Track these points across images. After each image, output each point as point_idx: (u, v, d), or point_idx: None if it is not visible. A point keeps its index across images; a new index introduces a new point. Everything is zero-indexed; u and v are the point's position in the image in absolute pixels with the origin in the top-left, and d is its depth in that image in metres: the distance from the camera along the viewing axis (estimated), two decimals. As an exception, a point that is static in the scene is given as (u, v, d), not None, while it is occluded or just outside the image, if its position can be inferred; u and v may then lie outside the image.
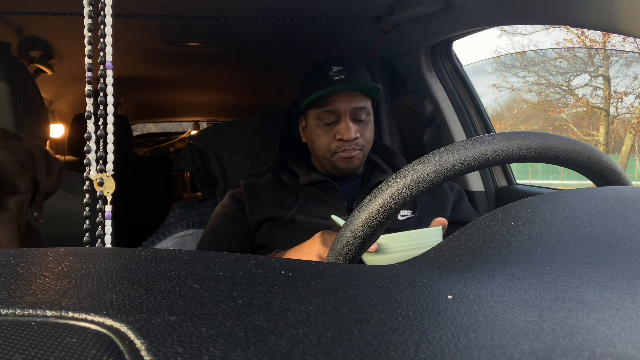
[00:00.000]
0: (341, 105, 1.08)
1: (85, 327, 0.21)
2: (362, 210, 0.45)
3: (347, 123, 1.07)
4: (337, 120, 1.09)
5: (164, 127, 4.91)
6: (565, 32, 12.50)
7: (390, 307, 0.24)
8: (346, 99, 1.08)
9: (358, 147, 1.09)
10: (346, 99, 1.08)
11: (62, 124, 2.42)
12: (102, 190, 0.55)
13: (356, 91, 1.09)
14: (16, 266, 0.28)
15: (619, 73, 11.51)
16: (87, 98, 0.53)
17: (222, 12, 1.39)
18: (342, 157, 1.09)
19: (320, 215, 1.08)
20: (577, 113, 11.09)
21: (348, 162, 1.10)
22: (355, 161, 1.10)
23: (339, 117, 1.08)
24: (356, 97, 1.09)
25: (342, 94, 1.08)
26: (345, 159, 1.09)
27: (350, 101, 1.08)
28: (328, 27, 1.52)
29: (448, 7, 1.22)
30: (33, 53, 1.72)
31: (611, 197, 0.40)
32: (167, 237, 1.33)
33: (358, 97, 1.09)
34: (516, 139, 0.47)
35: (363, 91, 1.10)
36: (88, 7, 0.52)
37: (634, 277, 0.28)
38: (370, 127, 1.13)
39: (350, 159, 1.09)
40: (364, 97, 1.10)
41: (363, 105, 1.09)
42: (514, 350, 0.20)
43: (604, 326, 0.23)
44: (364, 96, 1.10)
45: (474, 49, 16.25)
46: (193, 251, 0.33)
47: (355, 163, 1.11)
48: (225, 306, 0.23)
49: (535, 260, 0.31)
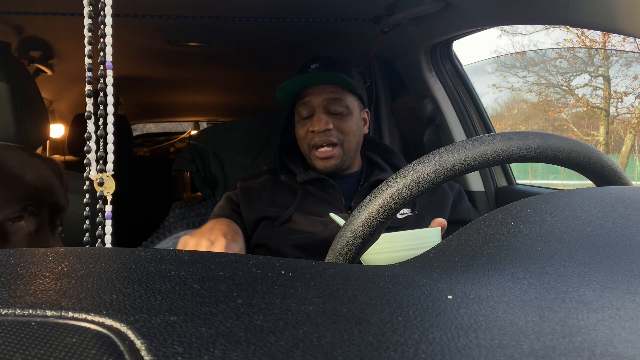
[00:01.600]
0: (313, 97, 1.10)
1: (85, 327, 0.21)
2: (362, 210, 0.45)
3: (320, 115, 1.08)
4: (313, 114, 1.10)
5: (164, 127, 4.91)
6: (565, 32, 12.50)
7: (390, 307, 0.24)
8: (319, 91, 1.10)
9: (334, 139, 1.08)
10: (318, 92, 1.10)
11: (62, 124, 2.42)
12: (102, 190, 0.55)
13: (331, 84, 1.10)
14: (16, 266, 0.28)
15: (619, 73, 11.50)
16: (87, 98, 0.53)
17: (222, 12, 1.39)
18: (318, 156, 1.09)
19: (318, 213, 1.07)
20: (577, 113, 11.09)
21: (325, 163, 1.09)
22: (333, 161, 1.09)
23: (313, 109, 1.10)
24: (329, 89, 1.10)
25: (316, 87, 1.10)
26: (321, 159, 1.09)
27: (323, 93, 1.09)
28: (328, 27, 1.53)
29: (448, 7, 1.22)
30: (33, 53, 1.72)
31: (611, 197, 0.40)
32: (167, 237, 1.33)
33: (332, 89, 1.10)
34: (516, 139, 0.47)
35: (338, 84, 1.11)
36: (88, 7, 0.52)
37: (634, 277, 0.28)
38: (350, 121, 1.11)
39: (326, 159, 1.09)
40: (340, 90, 1.11)
41: (338, 97, 1.10)
42: (514, 350, 0.20)
43: (604, 326, 0.23)
44: (341, 89, 1.11)
45: (474, 49, 16.25)
46: (193, 251, 0.33)
47: (334, 162, 1.09)
48: (225, 306, 0.23)
49: (535, 260, 0.31)
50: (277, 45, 1.78)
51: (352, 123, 1.12)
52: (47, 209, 0.82)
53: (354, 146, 1.13)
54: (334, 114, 1.10)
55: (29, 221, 0.79)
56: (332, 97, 1.09)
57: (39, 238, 0.80)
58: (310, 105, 1.10)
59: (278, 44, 1.76)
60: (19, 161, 0.82)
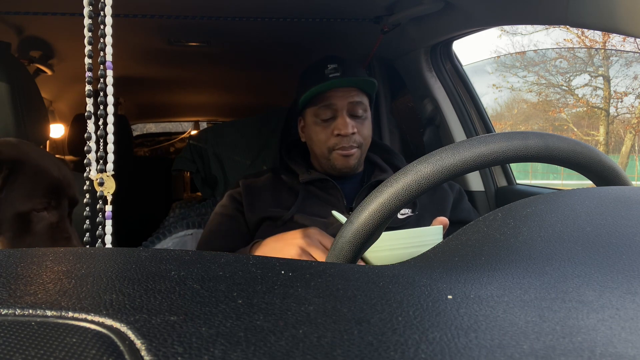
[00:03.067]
0: (337, 100, 1.09)
1: (85, 327, 0.21)
2: (362, 210, 0.45)
3: (344, 118, 1.08)
4: (335, 117, 1.09)
5: (164, 127, 4.90)
6: (565, 32, 12.50)
7: (390, 307, 0.24)
8: (342, 94, 1.09)
9: (356, 144, 1.09)
10: (342, 94, 1.09)
11: (62, 124, 2.42)
12: (102, 190, 0.55)
13: (352, 87, 1.10)
14: (16, 266, 0.28)
15: (619, 73, 11.51)
16: (87, 98, 0.53)
17: (222, 12, 1.39)
18: (340, 154, 1.09)
19: (319, 214, 1.07)
20: (577, 113, 11.09)
21: (346, 161, 1.10)
22: (353, 160, 1.10)
23: (335, 112, 1.09)
24: (352, 92, 1.10)
25: (339, 89, 1.09)
26: (343, 157, 1.09)
27: (347, 96, 1.09)
28: (328, 27, 1.52)
29: (448, 7, 1.22)
30: (33, 53, 1.72)
31: (611, 197, 0.40)
32: (167, 237, 1.33)
33: (354, 93, 1.10)
34: (516, 139, 0.47)
35: (359, 87, 1.11)
36: (88, 7, 0.52)
37: (634, 277, 0.28)
38: (367, 123, 1.13)
39: (348, 157, 1.09)
40: (361, 93, 1.11)
41: (359, 100, 1.10)
42: (514, 350, 0.20)
43: (604, 326, 0.23)
44: (361, 92, 1.12)
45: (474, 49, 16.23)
46: (193, 251, 0.33)
47: (353, 162, 1.10)
48: (225, 306, 0.23)
49: (535, 260, 0.31)
50: (277, 45, 1.78)
51: (369, 126, 1.14)
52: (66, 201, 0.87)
53: (367, 148, 1.15)
54: (355, 117, 1.10)
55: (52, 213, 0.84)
56: (356, 100, 1.10)
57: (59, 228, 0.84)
58: (333, 108, 1.09)
59: (278, 44, 1.76)
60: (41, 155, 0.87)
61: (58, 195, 0.85)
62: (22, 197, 0.80)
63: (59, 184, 0.85)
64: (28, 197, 0.81)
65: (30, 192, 0.81)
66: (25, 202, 0.80)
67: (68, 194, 0.87)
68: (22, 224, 0.80)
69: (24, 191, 0.81)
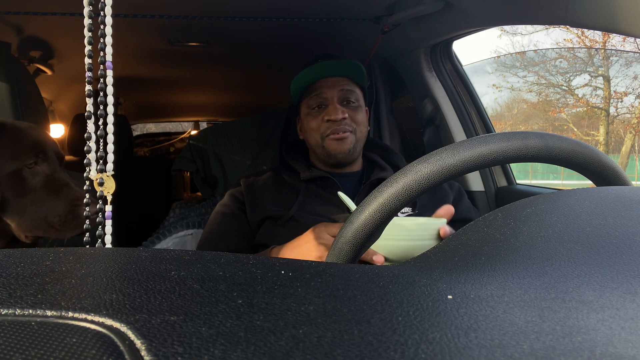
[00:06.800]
0: (327, 89, 1.13)
1: (85, 327, 0.21)
2: (362, 210, 0.45)
3: (335, 105, 1.12)
4: (326, 105, 1.13)
5: (164, 127, 4.90)
6: (565, 32, 12.49)
7: (390, 307, 0.24)
8: (332, 83, 1.13)
9: (349, 128, 1.11)
10: (332, 84, 1.13)
11: (62, 124, 2.42)
12: (102, 190, 0.55)
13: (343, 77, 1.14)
14: (16, 266, 0.28)
15: (619, 73, 11.49)
16: (87, 98, 0.53)
17: (222, 12, 1.39)
18: (333, 139, 1.11)
19: (320, 212, 1.08)
20: (577, 113, 11.08)
21: (339, 145, 1.11)
22: (347, 144, 1.11)
23: (326, 101, 1.13)
24: (342, 81, 1.14)
25: (329, 79, 1.14)
26: (336, 141, 1.11)
27: (337, 85, 1.13)
28: (328, 27, 1.53)
29: (448, 7, 1.22)
30: (33, 53, 1.72)
31: (611, 197, 0.40)
32: (167, 237, 1.33)
33: (345, 82, 1.14)
34: (516, 139, 0.47)
35: (350, 77, 1.15)
36: (88, 7, 0.52)
37: (634, 277, 0.28)
38: (361, 112, 1.15)
39: (341, 140, 1.11)
40: (351, 83, 1.15)
41: (350, 89, 1.14)
42: (514, 350, 0.20)
43: (604, 326, 0.23)
44: (352, 82, 1.15)
45: (474, 49, 16.22)
46: (193, 251, 0.33)
47: (347, 146, 1.11)
48: (225, 306, 0.23)
49: (535, 260, 0.31)
50: (277, 45, 1.78)
51: (363, 115, 1.17)
52: (54, 154, 0.91)
53: (363, 138, 1.17)
54: (347, 105, 1.13)
55: (43, 165, 0.89)
56: (346, 89, 1.13)
57: (55, 178, 0.89)
58: (322, 96, 1.13)
59: (278, 44, 1.76)
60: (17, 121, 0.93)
61: (43, 149, 0.89)
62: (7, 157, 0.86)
63: (41, 140, 0.90)
64: (14, 156, 0.86)
65: (13, 151, 0.86)
66: (12, 161, 0.86)
67: (54, 149, 0.91)
68: (18, 183, 0.85)
69: (7, 151, 0.86)
